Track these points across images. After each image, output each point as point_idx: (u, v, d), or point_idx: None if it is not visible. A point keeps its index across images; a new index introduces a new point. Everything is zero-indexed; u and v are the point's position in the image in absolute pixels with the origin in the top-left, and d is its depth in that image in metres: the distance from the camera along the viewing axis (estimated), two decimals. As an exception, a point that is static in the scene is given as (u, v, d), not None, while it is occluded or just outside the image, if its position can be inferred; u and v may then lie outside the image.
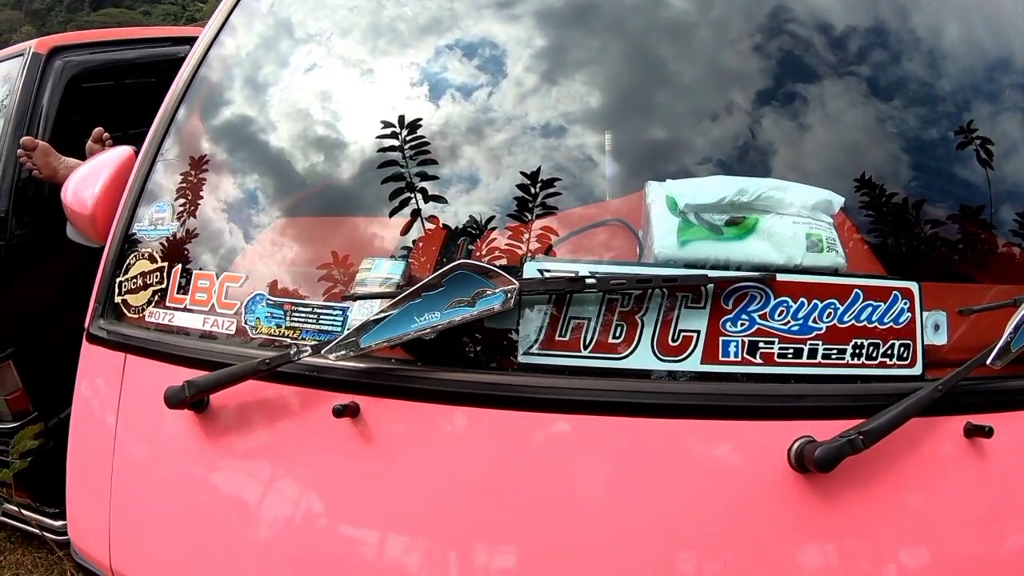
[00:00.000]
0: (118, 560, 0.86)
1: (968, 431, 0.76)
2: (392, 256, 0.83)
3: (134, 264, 0.96)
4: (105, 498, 0.88)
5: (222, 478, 0.82)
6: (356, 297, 0.77)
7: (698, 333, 0.70)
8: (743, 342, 0.70)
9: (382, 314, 0.71)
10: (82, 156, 1.57)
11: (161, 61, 1.99)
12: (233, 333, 0.85)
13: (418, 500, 0.71)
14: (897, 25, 0.94)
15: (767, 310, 0.71)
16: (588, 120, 0.92)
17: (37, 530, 1.55)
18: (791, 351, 0.71)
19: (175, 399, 0.76)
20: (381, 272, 0.82)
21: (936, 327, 0.78)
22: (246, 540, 0.77)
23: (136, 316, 0.93)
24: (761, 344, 0.71)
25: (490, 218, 0.82)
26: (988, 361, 0.75)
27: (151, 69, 1.97)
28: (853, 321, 0.74)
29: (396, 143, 0.90)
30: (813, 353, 0.72)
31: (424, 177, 0.87)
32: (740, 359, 0.70)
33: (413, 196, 0.87)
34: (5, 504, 1.67)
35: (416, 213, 0.85)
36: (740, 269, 0.72)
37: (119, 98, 1.88)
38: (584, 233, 0.84)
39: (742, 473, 0.70)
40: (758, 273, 0.69)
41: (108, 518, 0.87)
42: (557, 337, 0.70)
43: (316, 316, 0.80)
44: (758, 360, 0.71)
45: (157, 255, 0.94)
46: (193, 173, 0.95)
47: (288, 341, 0.81)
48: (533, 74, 0.93)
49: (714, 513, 0.69)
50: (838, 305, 0.73)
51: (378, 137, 0.88)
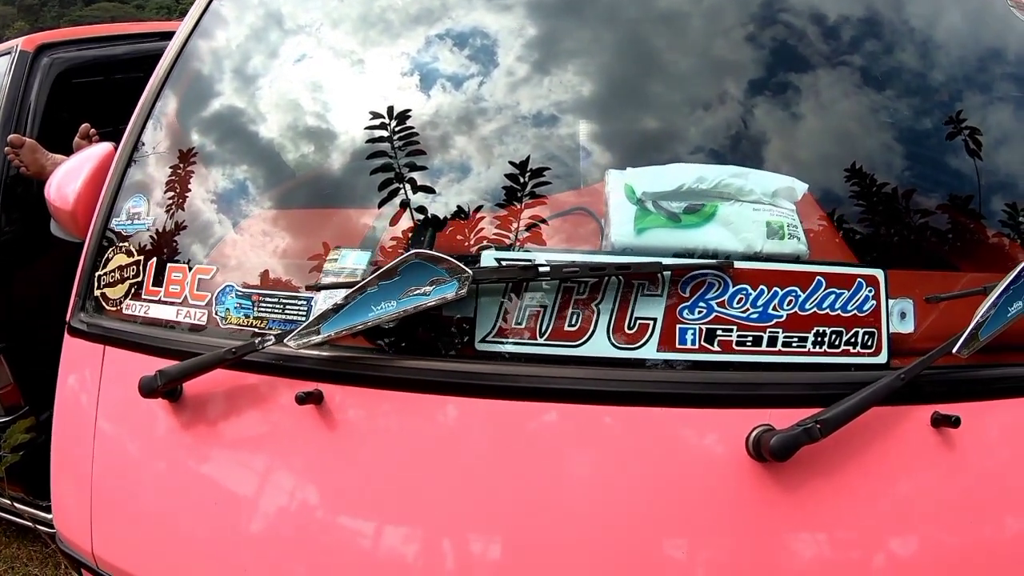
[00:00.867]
0: (100, 547, 0.91)
1: (935, 420, 0.77)
2: (360, 247, 0.87)
3: (112, 258, 1.01)
4: (87, 487, 0.93)
5: (194, 465, 0.86)
6: (319, 287, 0.81)
7: (654, 321, 0.72)
8: (700, 330, 0.72)
9: (341, 303, 0.75)
10: (71, 152, 1.63)
11: (150, 56, 2.04)
12: (205, 324, 0.89)
13: (379, 485, 0.74)
14: (861, 12, 0.95)
15: (725, 298, 0.73)
16: (561, 109, 0.94)
17: (30, 523, 1.62)
18: (750, 339, 0.73)
19: (148, 388, 0.80)
20: (347, 263, 0.86)
21: (902, 315, 0.79)
22: (217, 525, 0.81)
23: (114, 309, 0.98)
24: (719, 332, 0.73)
25: (457, 208, 0.85)
26: (954, 350, 0.77)
27: (140, 64, 2.03)
28: (815, 309, 0.76)
29: (365, 136, 0.94)
30: (773, 341, 0.74)
31: (392, 168, 0.91)
32: (697, 347, 0.72)
33: (384, 188, 0.90)
34: (-1, 498, 1.75)
35: (384, 204, 0.89)
36: (699, 257, 0.74)
37: (108, 94, 1.95)
38: (552, 222, 0.87)
39: (699, 461, 0.72)
40: (714, 260, 0.71)
41: (90, 506, 0.92)
42: (513, 325, 0.73)
43: (282, 306, 0.84)
44: (716, 348, 0.73)
45: (134, 249, 0.98)
46: (168, 168, 0.99)
47: (256, 331, 0.85)
48: (506, 63, 0.95)
49: (671, 501, 0.71)
50: (799, 293, 0.75)
51: (346, 131, 0.92)
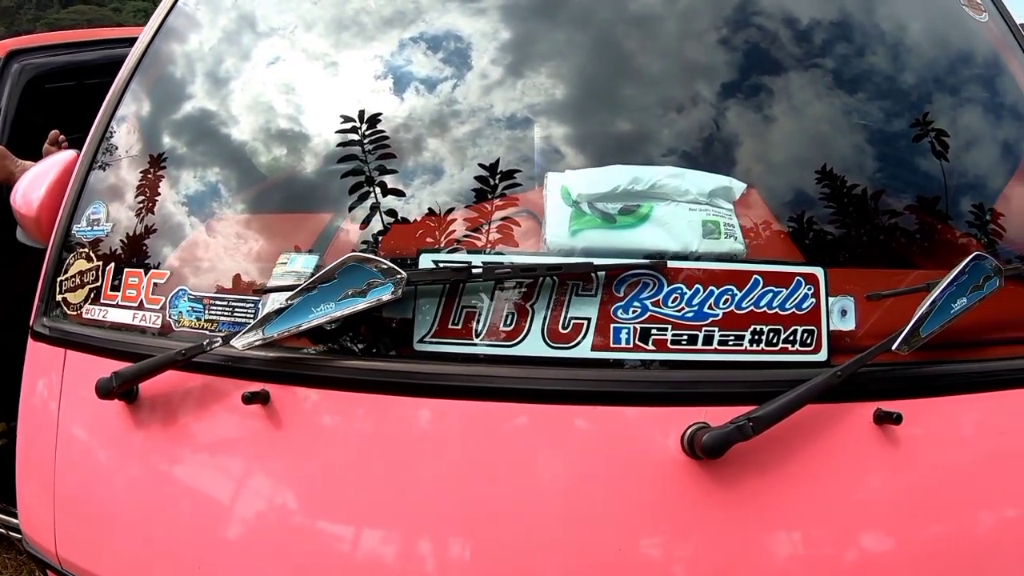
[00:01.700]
0: (63, 548, 0.95)
1: (878, 417, 0.79)
2: (309, 251, 0.91)
3: (73, 263, 1.05)
4: (50, 488, 0.97)
5: (150, 464, 0.90)
6: (266, 290, 0.85)
7: (588, 320, 0.75)
8: (635, 329, 0.75)
9: (283, 305, 0.79)
10: (42, 158, 1.69)
11: (122, 62, 2.11)
12: (159, 327, 0.93)
13: (321, 481, 0.77)
14: (804, 10, 0.97)
15: (660, 297, 0.76)
16: (515, 112, 0.98)
17: (3, 530, 1.67)
18: (685, 338, 0.76)
19: (104, 390, 0.84)
20: (296, 266, 0.89)
21: (843, 313, 0.82)
22: (172, 522, 0.85)
23: (75, 313, 1.03)
24: (654, 331, 0.76)
25: (405, 211, 0.89)
26: (894, 347, 0.79)
27: (112, 70, 2.09)
28: (752, 307, 0.78)
29: (318, 142, 0.98)
30: (708, 340, 0.77)
31: (342, 174, 0.94)
32: (632, 346, 0.75)
33: (332, 193, 0.94)
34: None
35: (332, 208, 0.93)
36: (634, 257, 0.77)
37: (81, 99, 2.01)
38: (500, 224, 0.90)
39: (635, 459, 0.74)
40: (646, 260, 0.74)
41: (53, 507, 0.97)
42: (450, 325, 0.76)
43: (231, 309, 0.88)
44: (650, 347, 0.75)
45: (93, 254, 1.03)
46: (125, 174, 1.04)
47: (207, 333, 0.89)
48: (457, 68, 0.99)
49: (606, 499, 0.74)
50: (736, 291, 0.78)
51: (299, 138, 0.97)
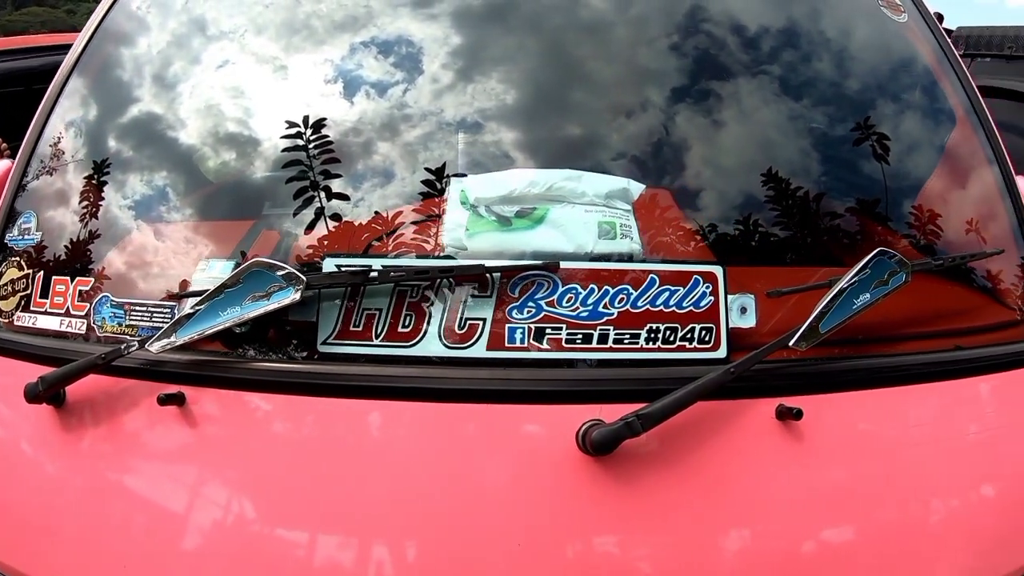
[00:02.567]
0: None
1: (779, 413, 0.84)
2: (228, 257, 0.97)
3: (5, 272, 1.11)
4: None
5: (73, 467, 0.94)
6: (181, 296, 0.90)
7: (484, 321, 0.80)
8: (529, 328, 0.80)
9: (193, 309, 0.84)
10: None
11: None
12: (85, 332, 0.99)
13: (232, 479, 0.82)
14: (714, 10, 1.02)
15: (554, 297, 0.81)
16: (440, 118, 1.03)
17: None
18: (579, 336, 0.81)
19: (31, 394, 0.89)
20: (213, 272, 0.95)
21: (743, 310, 0.86)
22: (98, 524, 0.90)
23: (7, 321, 1.08)
24: (548, 330, 0.80)
25: (315, 217, 0.94)
26: (791, 343, 0.84)
27: None
28: (648, 306, 0.83)
29: (240, 150, 1.03)
30: (603, 338, 0.81)
31: (264, 182, 1.00)
32: (526, 345, 0.80)
33: (253, 200, 1.00)
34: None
35: (253, 216, 0.98)
36: (530, 259, 0.82)
37: (30, 106, 2.07)
38: (414, 228, 0.95)
39: (531, 456, 0.79)
40: (539, 261, 0.79)
41: None
42: (352, 327, 0.81)
43: (150, 314, 0.93)
44: (545, 346, 0.80)
45: (24, 263, 1.08)
46: (54, 183, 1.09)
47: (127, 338, 0.94)
48: (374, 73, 1.05)
49: (504, 495, 0.78)
50: (631, 290, 0.82)
51: (220, 145, 1.02)
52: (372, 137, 0.95)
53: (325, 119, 0.98)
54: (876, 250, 0.90)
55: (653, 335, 0.82)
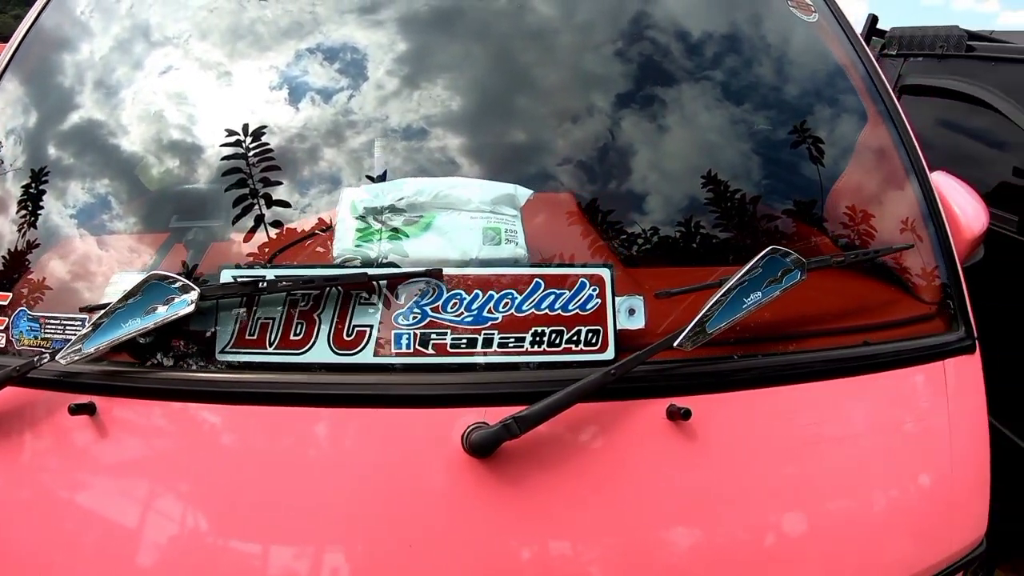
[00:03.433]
0: None
1: (669, 413, 0.90)
2: (140, 270, 1.03)
3: (-71, 287, 1.18)
4: None
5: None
6: (90, 308, 0.97)
7: (371, 328, 0.86)
8: (415, 334, 0.87)
9: (98, 321, 0.90)
10: None
11: None
12: (4, 346, 1.06)
13: (136, 486, 0.89)
14: (628, 17, 1.09)
15: (439, 303, 0.87)
16: (353, 128, 1.10)
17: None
18: (464, 341, 0.87)
19: None
20: (124, 285, 1.01)
21: (631, 312, 0.92)
22: (19, 533, 0.97)
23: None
24: (433, 336, 0.87)
25: (221, 231, 1.01)
26: (675, 343, 0.90)
27: None
28: (533, 310, 0.89)
29: (153, 167, 1.10)
30: (488, 343, 0.88)
31: (174, 196, 1.07)
32: (412, 351, 0.86)
33: (165, 213, 1.07)
34: None
35: (167, 229, 1.05)
36: (416, 266, 0.88)
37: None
38: (314, 238, 1.01)
39: (419, 459, 0.85)
40: (423, 268, 0.86)
41: None
42: (247, 336, 0.88)
43: (63, 327, 0.99)
44: (430, 351, 0.87)
45: (-54, 277, 1.16)
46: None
47: (43, 350, 1.01)
48: (278, 87, 1.12)
49: (394, 497, 0.84)
50: (516, 295, 0.89)
51: (131, 161, 1.09)
52: (276, 151, 1.02)
53: (230, 134, 1.04)
54: (768, 248, 0.96)
55: (538, 338, 0.88)
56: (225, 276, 0.89)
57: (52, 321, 1.01)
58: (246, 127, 1.05)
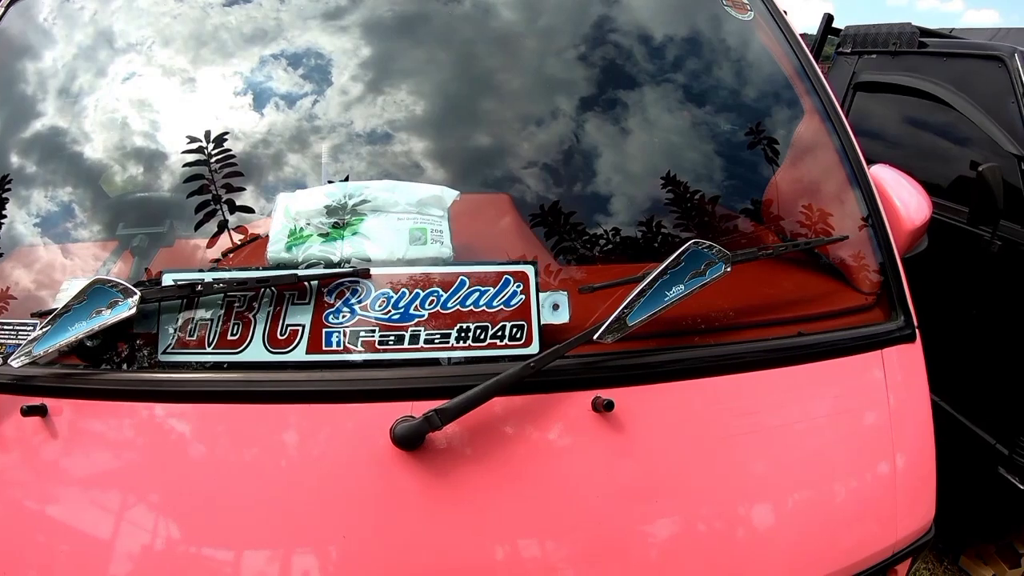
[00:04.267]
0: None
1: (594, 405, 0.98)
2: (89, 276, 1.12)
3: None
4: None
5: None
6: (40, 314, 1.06)
7: (303, 327, 0.95)
8: (345, 332, 0.95)
9: (46, 325, 0.99)
10: None
11: None
12: (-41, 353, 1.15)
13: (85, 482, 0.98)
14: (564, 22, 1.17)
15: (368, 301, 0.96)
16: (303, 132, 1.19)
17: None
18: (392, 338, 0.96)
19: None
20: (74, 290, 1.11)
21: (555, 307, 1.01)
22: None
23: None
24: (362, 333, 0.95)
25: (166, 237, 1.10)
26: (595, 336, 0.98)
27: None
28: (458, 307, 0.98)
29: (99, 177, 1.19)
30: (415, 339, 0.96)
31: (122, 206, 1.16)
32: (343, 348, 0.95)
33: (115, 223, 1.16)
34: None
35: (113, 237, 1.14)
36: (344, 266, 0.97)
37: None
38: (252, 243, 1.10)
39: (350, 452, 0.93)
40: (350, 268, 0.95)
41: None
42: (188, 337, 0.97)
43: (16, 332, 1.09)
44: (359, 348, 0.95)
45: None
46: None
47: (-4, 356, 1.11)
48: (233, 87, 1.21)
49: (327, 490, 0.92)
50: (441, 293, 0.97)
51: (78, 170, 1.18)
52: (219, 160, 1.11)
53: (176, 144, 1.14)
54: (689, 242, 1.04)
55: (463, 334, 0.97)
56: (167, 280, 0.98)
57: (4, 327, 1.10)
58: (191, 137, 1.14)
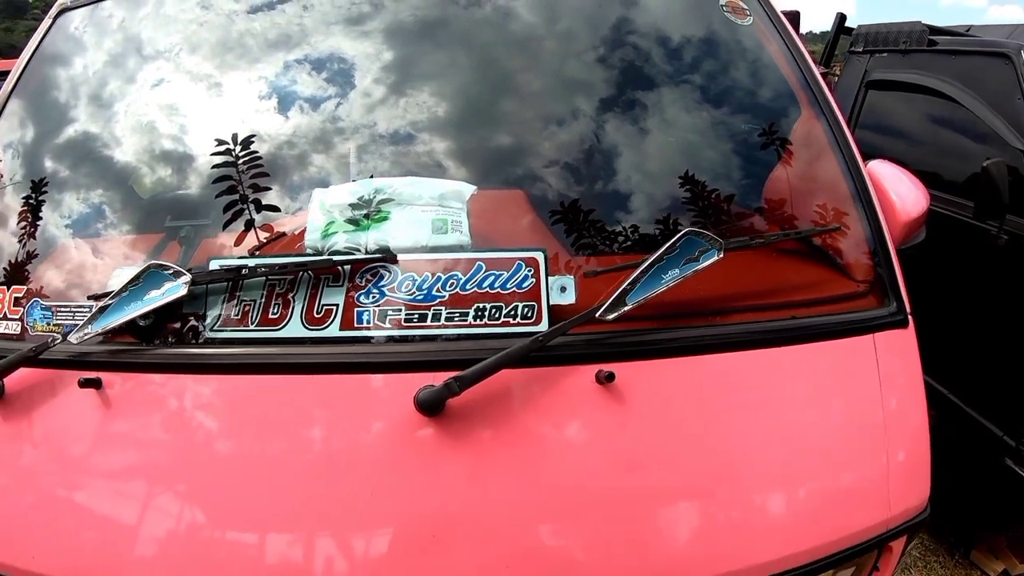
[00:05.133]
0: None
1: (597, 377, 1.14)
2: (137, 265, 1.30)
3: (-55, 284, 1.46)
4: None
5: (15, 452, 1.29)
6: (97, 296, 1.23)
7: (337, 306, 1.12)
8: (374, 311, 1.12)
9: (104, 305, 1.17)
10: None
11: None
12: (19, 333, 1.33)
13: (139, 448, 1.15)
14: (572, 29, 1.34)
15: (394, 284, 1.12)
16: (337, 133, 1.36)
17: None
18: (416, 316, 1.12)
19: None
20: (125, 277, 1.29)
21: (563, 289, 1.17)
22: (29, 502, 1.23)
23: (-52, 328, 1.43)
24: (390, 312, 1.12)
25: (211, 229, 1.27)
26: (598, 315, 1.14)
27: None
28: (475, 289, 1.14)
29: (150, 176, 1.37)
30: (436, 317, 1.13)
31: (168, 202, 1.34)
32: (372, 325, 1.12)
33: (161, 218, 1.34)
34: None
35: (163, 230, 1.32)
36: (374, 253, 1.14)
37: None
38: (292, 232, 1.27)
39: (379, 417, 1.10)
40: (380, 254, 1.11)
41: None
42: (232, 316, 1.14)
43: (72, 314, 1.26)
44: (387, 325, 1.12)
45: (-35, 274, 1.43)
46: (-9, 202, 1.45)
47: (55, 335, 1.28)
48: (275, 95, 1.38)
49: (358, 451, 1.09)
50: (460, 276, 1.14)
51: (131, 171, 1.36)
52: (257, 158, 1.28)
53: (218, 144, 1.31)
54: (684, 231, 1.19)
55: (480, 313, 1.13)
56: (213, 266, 1.16)
57: (63, 309, 1.28)
58: (234, 137, 1.31)
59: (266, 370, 1.11)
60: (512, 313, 1.14)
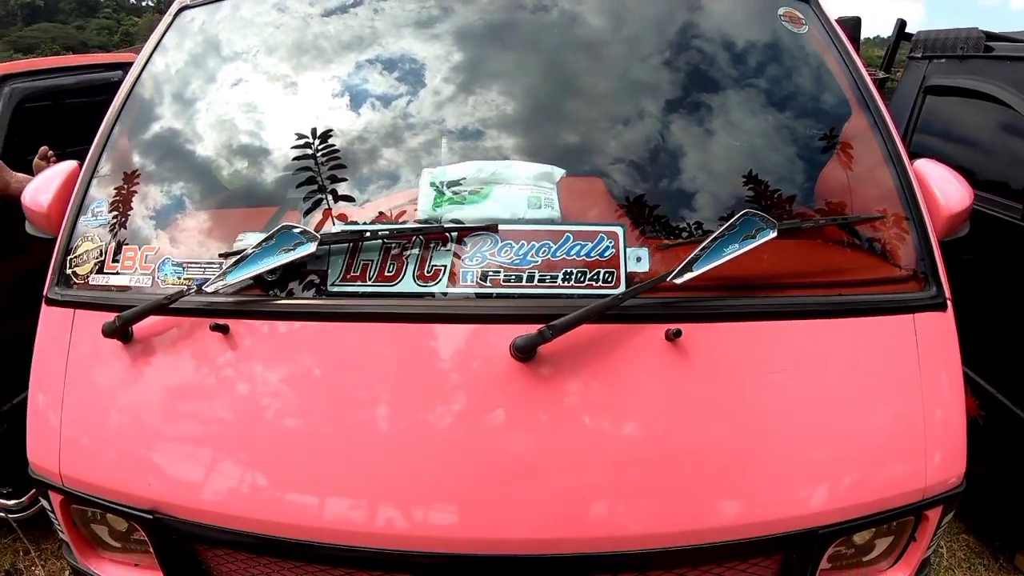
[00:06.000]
0: (66, 466, 1.59)
1: (666, 334, 1.38)
2: (261, 231, 1.56)
3: (80, 245, 1.71)
4: (57, 421, 1.62)
5: (141, 389, 1.54)
6: (227, 254, 1.49)
7: (445, 267, 1.36)
8: (477, 272, 1.37)
9: (238, 259, 1.42)
10: (29, 171, 2.43)
11: (97, 85, 2.96)
12: (149, 286, 1.59)
13: (266, 385, 1.40)
14: (649, 40, 1.60)
15: (495, 250, 1.37)
16: (429, 126, 1.63)
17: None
18: (513, 277, 1.37)
19: (109, 329, 1.46)
20: (249, 241, 1.55)
21: (639, 259, 1.41)
22: (152, 435, 1.48)
23: (82, 282, 1.68)
24: (490, 273, 1.37)
25: (338, 200, 1.54)
26: (668, 279, 1.38)
27: (88, 92, 2.92)
28: (564, 255, 1.39)
29: (269, 153, 1.64)
30: (531, 278, 1.37)
31: (286, 179, 1.60)
32: (475, 283, 1.36)
33: (279, 192, 1.60)
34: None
35: (280, 203, 1.58)
36: (477, 224, 1.39)
37: (61, 119, 2.77)
38: (404, 204, 1.53)
39: (480, 360, 1.34)
40: (483, 224, 1.37)
41: (59, 436, 1.61)
42: (352, 273, 1.39)
43: (203, 268, 1.52)
44: (488, 284, 1.37)
45: (97, 237, 1.70)
46: (123, 177, 1.70)
47: (184, 287, 1.54)
48: (376, 90, 1.65)
49: (461, 390, 1.33)
50: (552, 245, 1.38)
51: (253, 149, 1.63)
52: (371, 140, 1.54)
53: (333, 130, 1.58)
54: (743, 212, 1.43)
55: (567, 276, 1.37)
56: (337, 229, 1.42)
57: (194, 264, 1.54)
58: (351, 123, 1.59)
59: (382, 318, 1.36)
60: (595, 277, 1.38)
